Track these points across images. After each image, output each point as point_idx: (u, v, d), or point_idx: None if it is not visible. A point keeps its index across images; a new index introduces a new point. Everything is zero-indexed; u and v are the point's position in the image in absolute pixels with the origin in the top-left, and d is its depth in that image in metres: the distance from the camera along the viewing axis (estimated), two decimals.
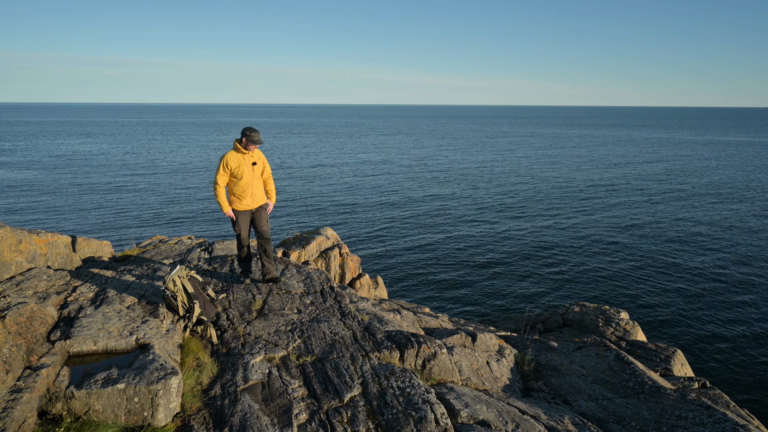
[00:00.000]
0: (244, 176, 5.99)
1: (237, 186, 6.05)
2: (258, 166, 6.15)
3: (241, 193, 6.07)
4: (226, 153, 5.99)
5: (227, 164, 5.92)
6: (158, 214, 25.96)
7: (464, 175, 40.01)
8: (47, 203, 27.67)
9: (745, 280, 16.73)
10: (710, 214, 26.45)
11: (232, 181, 6.05)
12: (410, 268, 17.92)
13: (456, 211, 27.07)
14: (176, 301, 5.19)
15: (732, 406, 5.08)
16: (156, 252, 7.75)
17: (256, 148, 6.01)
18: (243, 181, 6.00)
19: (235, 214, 6.16)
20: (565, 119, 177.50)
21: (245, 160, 6.00)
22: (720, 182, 36.57)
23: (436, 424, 3.80)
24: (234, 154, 5.97)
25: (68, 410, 3.66)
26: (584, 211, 27.02)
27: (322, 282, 6.63)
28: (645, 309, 14.47)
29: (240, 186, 6.04)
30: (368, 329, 5.30)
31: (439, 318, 7.62)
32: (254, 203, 6.21)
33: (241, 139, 5.98)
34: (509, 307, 14.64)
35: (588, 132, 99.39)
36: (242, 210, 6.16)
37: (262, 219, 6.30)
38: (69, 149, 56.16)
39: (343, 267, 10.07)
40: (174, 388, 3.83)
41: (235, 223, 6.19)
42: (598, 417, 4.76)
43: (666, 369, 6.89)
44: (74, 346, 4.36)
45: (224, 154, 5.96)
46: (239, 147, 5.95)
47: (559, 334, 9.36)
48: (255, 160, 6.10)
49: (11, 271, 5.92)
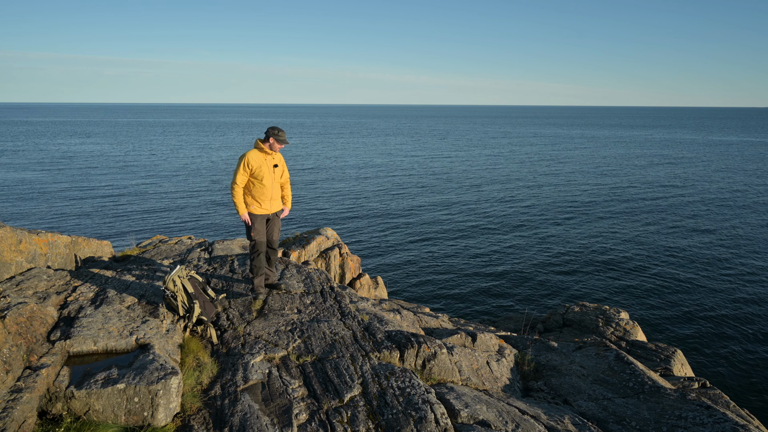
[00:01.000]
0: (264, 178, 5.64)
1: (257, 188, 5.68)
2: (279, 169, 5.82)
3: (260, 196, 5.72)
4: (247, 152, 5.63)
5: (248, 163, 5.57)
6: (158, 214, 25.96)
7: (465, 175, 40.02)
8: (47, 203, 27.67)
9: (745, 280, 16.73)
10: (711, 214, 26.45)
11: (251, 182, 5.68)
12: (410, 269, 17.92)
13: (456, 211, 27.08)
14: (176, 301, 5.19)
15: (732, 406, 5.08)
16: (156, 252, 7.75)
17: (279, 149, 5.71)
18: (264, 183, 5.65)
19: (252, 218, 5.79)
20: (565, 119, 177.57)
21: (267, 161, 5.66)
22: (721, 183, 36.57)
23: (436, 424, 3.80)
24: (256, 154, 5.63)
25: (68, 410, 3.66)
26: (584, 212, 27.02)
27: (322, 282, 6.63)
28: (645, 309, 14.47)
29: (260, 189, 5.68)
30: (368, 329, 5.30)
31: (439, 318, 7.62)
32: (272, 208, 5.88)
33: (265, 139, 5.64)
34: (509, 307, 14.64)
35: (589, 132, 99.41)
36: (260, 214, 5.81)
37: (275, 227, 6.00)
38: (69, 149, 56.16)
39: (343, 267, 10.07)
40: (174, 388, 3.83)
41: (251, 228, 5.81)
42: (598, 417, 4.76)
43: (666, 369, 6.89)
44: (74, 346, 4.36)
45: (245, 153, 5.63)
46: (263, 147, 5.61)
47: (559, 334, 9.36)
48: (277, 162, 5.77)
49: (11, 271, 5.92)
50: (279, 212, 6.02)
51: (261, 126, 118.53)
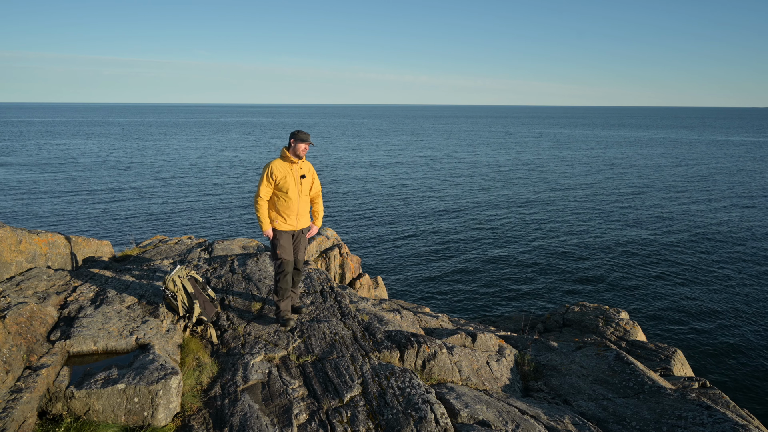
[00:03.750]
0: (290, 190, 5.14)
1: (281, 202, 5.19)
2: (307, 180, 5.28)
3: (285, 210, 5.20)
4: (271, 162, 5.16)
5: (272, 173, 5.09)
6: (158, 214, 25.96)
7: (465, 175, 40.02)
8: (47, 203, 27.67)
9: (746, 280, 16.72)
10: (711, 214, 26.44)
11: (276, 195, 5.19)
12: (410, 268, 17.92)
13: (456, 211, 27.08)
14: (176, 301, 5.20)
15: (732, 406, 5.08)
16: (156, 252, 7.75)
17: (304, 158, 5.25)
18: (289, 195, 5.15)
19: (277, 234, 5.23)
20: (566, 119, 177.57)
21: (293, 171, 5.17)
22: (723, 183, 36.56)
23: (436, 424, 3.80)
24: (280, 163, 5.14)
25: (68, 410, 3.66)
26: (584, 212, 27.02)
27: (322, 282, 6.63)
28: (645, 309, 14.47)
29: (286, 202, 5.18)
30: (368, 329, 5.30)
31: (439, 318, 7.62)
32: (298, 224, 5.33)
33: (289, 145, 5.16)
34: (509, 307, 14.64)
35: (590, 132, 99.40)
36: (285, 230, 5.26)
37: (301, 245, 5.42)
38: (69, 149, 56.18)
39: (343, 267, 10.07)
40: (174, 388, 3.83)
41: (276, 245, 5.24)
42: (598, 417, 4.76)
43: (666, 369, 6.89)
44: (74, 346, 4.36)
45: (269, 162, 5.18)
46: (287, 155, 5.13)
47: (559, 334, 9.35)
48: (304, 172, 5.25)
49: (11, 271, 5.93)
50: (307, 229, 5.48)
51: (261, 126, 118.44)
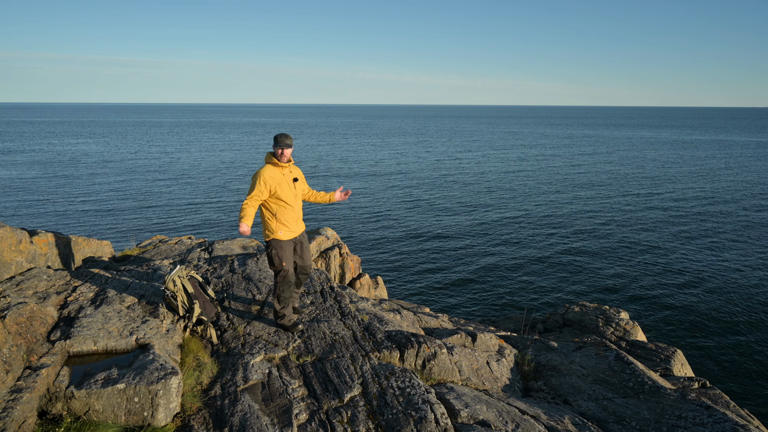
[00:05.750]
0: (287, 197, 4.93)
1: (282, 210, 4.92)
2: (299, 183, 5.10)
3: (287, 219, 4.96)
4: (261, 170, 4.88)
5: (266, 181, 4.81)
6: (158, 214, 25.97)
7: (465, 175, 40.02)
8: (47, 203, 27.67)
9: (746, 280, 16.72)
10: (712, 214, 26.44)
11: (276, 203, 4.92)
12: (410, 269, 17.92)
13: (457, 211, 27.07)
14: (176, 301, 5.20)
15: (732, 406, 5.08)
16: (156, 252, 7.75)
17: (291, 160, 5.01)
18: (287, 202, 4.93)
19: (279, 245, 4.94)
20: (567, 119, 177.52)
21: (285, 176, 4.95)
22: (723, 183, 36.55)
23: (436, 424, 3.80)
24: (271, 169, 4.88)
25: (68, 410, 3.66)
26: (584, 212, 27.01)
27: (321, 282, 6.63)
28: (645, 309, 14.47)
29: (286, 209, 4.94)
30: (368, 329, 5.30)
31: (439, 318, 7.62)
32: (298, 229, 5.13)
33: (274, 150, 4.90)
34: (509, 307, 14.64)
35: (591, 132, 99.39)
36: (288, 240, 5.01)
37: (305, 250, 5.22)
38: (69, 149, 56.18)
39: (343, 267, 10.06)
40: (174, 388, 3.83)
41: (282, 256, 4.95)
42: (598, 417, 4.76)
43: (666, 369, 6.88)
44: (74, 346, 4.36)
45: (258, 170, 4.90)
46: (274, 159, 4.89)
47: (559, 334, 9.35)
48: (296, 175, 5.08)
49: (11, 271, 5.92)
50: (303, 233, 5.27)
51: (261, 126, 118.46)
